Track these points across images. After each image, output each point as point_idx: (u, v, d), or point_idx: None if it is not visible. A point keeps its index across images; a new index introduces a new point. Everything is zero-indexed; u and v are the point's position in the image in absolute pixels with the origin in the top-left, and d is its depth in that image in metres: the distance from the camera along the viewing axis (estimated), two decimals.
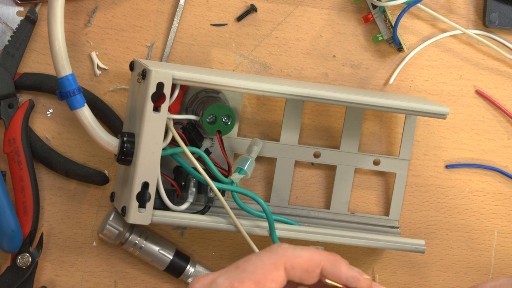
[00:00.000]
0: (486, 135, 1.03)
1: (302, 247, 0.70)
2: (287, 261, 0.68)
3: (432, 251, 1.03)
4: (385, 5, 0.96)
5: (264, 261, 0.69)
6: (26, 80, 0.93)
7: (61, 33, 0.86)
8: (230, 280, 0.68)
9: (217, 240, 0.99)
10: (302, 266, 0.69)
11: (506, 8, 1.01)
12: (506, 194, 1.04)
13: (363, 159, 0.99)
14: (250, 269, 0.68)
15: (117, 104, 0.96)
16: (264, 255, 0.69)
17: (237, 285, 0.67)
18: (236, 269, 0.69)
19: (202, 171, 0.89)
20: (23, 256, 0.92)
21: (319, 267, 0.69)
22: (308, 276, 0.69)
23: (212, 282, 0.69)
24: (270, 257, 0.69)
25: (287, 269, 0.68)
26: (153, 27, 0.96)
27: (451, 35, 1.02)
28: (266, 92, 0.88)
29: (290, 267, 0.68)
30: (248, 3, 0.98)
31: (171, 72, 0.85)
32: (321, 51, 0.99)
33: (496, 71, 1.02)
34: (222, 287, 0.68)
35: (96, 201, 0.96)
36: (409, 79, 1.01)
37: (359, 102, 0.90)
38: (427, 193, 1.02)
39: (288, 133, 0.97)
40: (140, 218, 0.87)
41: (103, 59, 0.95)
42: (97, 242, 0.97)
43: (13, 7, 0.94)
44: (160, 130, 0.86)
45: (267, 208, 0.91)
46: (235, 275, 0.68)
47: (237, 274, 0.68)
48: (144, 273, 0.98)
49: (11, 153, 0.91)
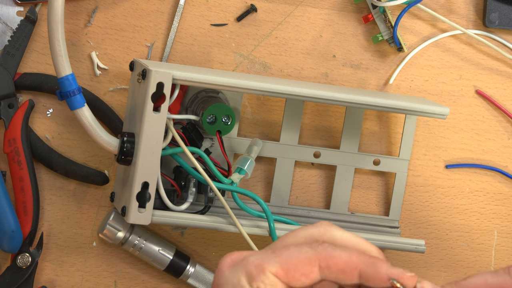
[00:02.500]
0: (486, 135, 1.03)
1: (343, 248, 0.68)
2: (323, 260, 0.67)
3: (432, 251, 1.03)
4: (385, 5, 0.96)
5: (301, 253, 0.67)
6: (26, 80, 0.93)
7: (61, 33, 0.86)
8: (261, 261, 0.67)
9: (217, 240, 0.99)
10: (338, 267, 0.67)
11: (506, 8, 1.01)
12: (506, 194, 1.04)
13: (363, 159, 0.99)
14: (285, 256, 0.67)
15: (117, 104, 0.96)
16: (303, 247, 0.68)
17: (266, 266, 0.67)
18: (271, 253, 0.68)
19: (202, 171, 0.89)
20: (23, 256, 0.92)
21: (356, 270, 0.67)
22: (344, 278, 0.67)
23: (244, 259, 0.68)
24: (308, 251, 0.67)
25: (321, 267, 0.67)
26: (153, 27, 0.96)
27: (451, 35, 1.02)
28: (266, 92, 0.88)
29: (325, 266, 0.67)
30: (248, 3, 0.98)
31: (171, 72, 0.85)
32: (321, 51, 0.99)
33: (496, 71, 1.02)
34: (251, 264, 0.67)
35: (96, 201, 0.96)
36: (409, 79, 1.01)
37: (359, 102, 0.90)
38: (427, 193, 1.02)
39: (288, 133, 0.97)
40: (140, 218, 0.87)
41: (103, 59, 0.96)
42: (97, 242, 0.97)
43: (13, 7, 0.94)
44: (160, 130, 0.86)
45: (267, 208, 0.91)
46: (268, 258, 0.67)
47: (270, 257, 0.67)
48: (144, 273, 0.98)
49: (11, 153, 0.91)
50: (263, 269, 0.67)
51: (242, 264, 0.68)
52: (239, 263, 0.68)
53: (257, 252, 0.69)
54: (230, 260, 0.69)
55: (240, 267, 0.68)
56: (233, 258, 0.69)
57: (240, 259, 0.69)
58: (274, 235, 0.91)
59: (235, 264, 0.68)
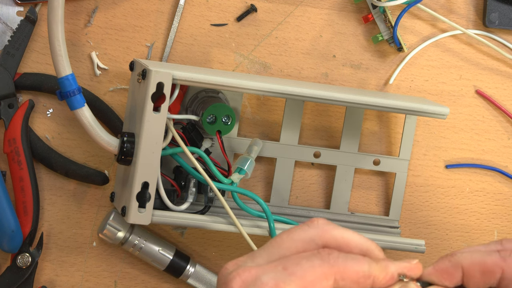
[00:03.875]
0: (486, 135, 1.03)
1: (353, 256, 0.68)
2: (337, 272, 0.67)
3: (432, 251, 1.03)
4: (385, 5, 0.96)
5: (315, 268, 0.66)
6: (26, 80, 0.93)
7: (61, 33, 0.86)
8: (276, 281, 0.66)
9: (217, 240, 0.99)
10: (353, 278, 0.67)
11: (506, 8, 1.01)
12: (506, 194, 1.04)
13: (363, 159, 0.99)
14: (299, 273, 0.66)
15: (117, 104, 0.96)
16: (315, 261, 0.67)
17: (283, 286, 0.65)
18: (283, 270, 0.66)
19: (202, 171, 0.89)
20: (23, 256, 0.92)
21: (370, 278, 0.67)
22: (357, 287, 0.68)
23: (257, 279, 0.66)
24: (321, 266, 0.67)
25: (336, 280, 0.67)
26: (153, 27, 0.96)
27: (451, 35, 1.02)
28: (266, 92, 0.88)
29: (340, 279, 0.67)
30: (248, 3, 0.98)
31: (171, 72, 0.85)
32: (321, 51, 0.99)
33: (496, 71, 1.02)
34: (267, 286, 0.66)
35: (96, 201, 0.96)
36: (409, 79, 1.01)
37: (359, 102, 0.90)
38: (427, 193, 1.02)
39: (288, 133, 0.97)
40: (140, 218, 0.87)
41: (103, 59, 0.96)
42: (97, 242, 0.97)
43: (13, 7, 0.94)
44: (160, 130, 0.86)
45: (267, 208, 0.91)
46: (282, 277, 0.66)
47: (284, 276, 0.66)
48: (144, 273, 0.98)
49: (11, 153, 0.91)
50: None
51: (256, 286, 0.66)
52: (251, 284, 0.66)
53: (268, 269, 0.67)
54: (240, 281, 0.67)
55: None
56: (243, 279, 0.67)
57: (252, 280, 0.66)
58: (274, 235, 0.91)
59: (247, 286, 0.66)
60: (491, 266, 0.69)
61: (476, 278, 0.70)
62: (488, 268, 0.69)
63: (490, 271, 0.69)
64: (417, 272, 0.69)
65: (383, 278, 0.68)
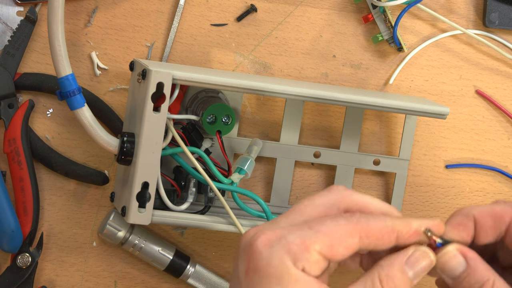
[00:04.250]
0: (486, 135, 1.03)
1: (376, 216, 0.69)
2: (362, 230, 0.67)
3: None
4: (385, 5, 0.96)
5: (340, 226, 0.67)
6: (26, 80, 0.93)
7: (61, 33, 0.86)
8: (302, 239, 0.66)
9: (217, 240, 0.99)
10: (377, 235, 0.68)
11: (506, 8, 1.01)
12: (506, 194, 1.04)
13: (363, 159, 0.99)
14: (325, 231, 0.66)
15: (117, 104, 0.96)
16: (339, 219, 0.68)
17: (310, 244, 0.66)
18: (309, 229, 0.67)
19: (202, 171, 0.89)
20: (23, 256, 0.92)
21: (394, 233, 0.68)
22: (383, 243, 0.68)
23: (281, 238, 0.66)
24: (346, 224, 0.67)
25: (361, 238, 0.67)
26: (153, 27, 0.96)
27: (451, 35, 1.02)
28: (266, 92, 0.88)
29: (365, 236, 0.67)
30: (248, 3, 0.98)
31: (171, 72, 0.85)
32: (321, 51, 0.99)
33: (496, 71, 1.02)
34: (293, 244, 0.66)
35: (96, 201, 0.96)
36: (409, 79, 1.01)
37: (359, 102, 0.90)
38: (427, 193, 1.02)
39: (288, 133, 0.97)
40: (140, 218, 0.87)
41: (103, 59, 0.96)
42: (97, 242, 0.97)
43: (13, 7, 0.94)
44: (160, 130, 0.86)
45: (267, 208, 0.91)
46: (308, 235, 0.66)
47: (310, 234, 0.66)
48: (144, 273, 0.98)
49: (11, 153, 0.91)
50: (307, 247, 0.66)
51: (281, 244, 0.66)
52: (277, 243, 0.66)
53: (293, 229, 0.67)
54: (266, 239, 0.67)
55: (280, 247, 0.66)
56: (268, 237, 0.67)
57: (277, 238, 0.67)
58: None
59: (273, 244, 0.67)
60: (500, 212, 0.71)
61: (487, 226, 0.71)
62: (498, 214, 0.71)
63: (499, 216, 0.71)
64: (440, 229, 0.70)
65: (407, 233, 0.69)
